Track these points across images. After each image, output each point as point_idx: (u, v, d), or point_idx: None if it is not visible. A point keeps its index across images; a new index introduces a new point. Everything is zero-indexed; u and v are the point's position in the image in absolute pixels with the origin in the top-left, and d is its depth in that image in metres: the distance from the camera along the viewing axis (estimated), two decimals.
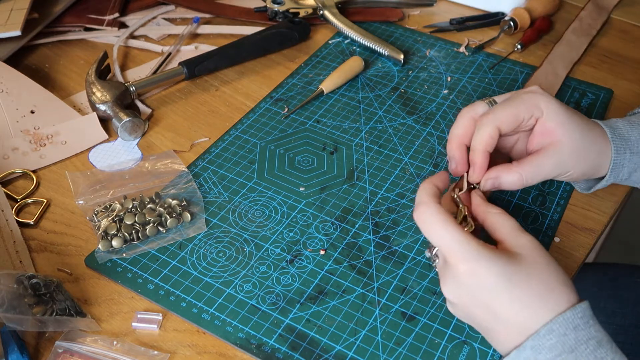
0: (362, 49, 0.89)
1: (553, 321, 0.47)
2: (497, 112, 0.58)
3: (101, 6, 0.93)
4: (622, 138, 0.61)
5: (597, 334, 0.48)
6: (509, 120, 0.57)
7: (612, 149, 0.60)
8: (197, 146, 0.74)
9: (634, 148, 0.61)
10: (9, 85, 0.80)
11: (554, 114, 0.57)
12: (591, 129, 0.60)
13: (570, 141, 0.58)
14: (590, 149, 0.59)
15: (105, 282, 0.60)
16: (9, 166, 0.71)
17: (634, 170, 0.62)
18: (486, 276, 0.48)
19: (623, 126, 0.62)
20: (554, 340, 0.47)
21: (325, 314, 0.58)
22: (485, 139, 0.57)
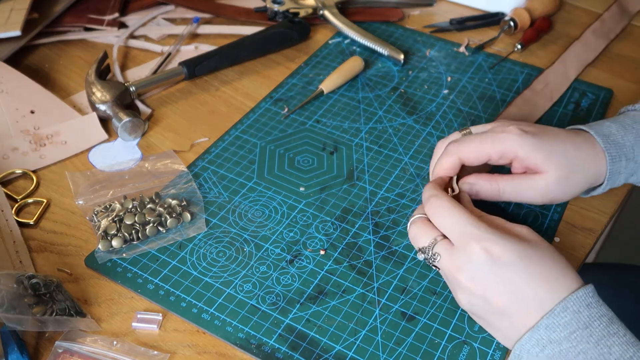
0: (362, 49, 0.89)
1: (567, 299, 0.48)
2: (463, 145, 0.59)
3: (101, 6, 0.93)
4: (617, 145, 0.60)
5: (607, 312, 0.50)
6: (473, 155, 0.59)
7: (607, 159, 0.59)
8: (197, 146, 0.74)
9: (629, 154, 0.60)
10: (9, 85, 0.80)
11: (532, 154, 0.58)
12: (577, 147, 0.59)
13: (557, 171, 0.58)
14: (580, 173, 0.59)
15: (105, 282, 0.60)
16: (9, 166, 0.71)
17: (630, 174, 0.62)
18: (504, 253, 0.49)
19: (617, 131, 0.61)
20: (568, 318, 0.48)
21: (325, 314, 0.58)
22: (445, 168, 0.59)
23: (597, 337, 0.48)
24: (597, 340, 0.48)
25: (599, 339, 0.48)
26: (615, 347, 0.47)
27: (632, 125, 0.62)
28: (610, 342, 0.47)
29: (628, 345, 0.47)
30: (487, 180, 0.59)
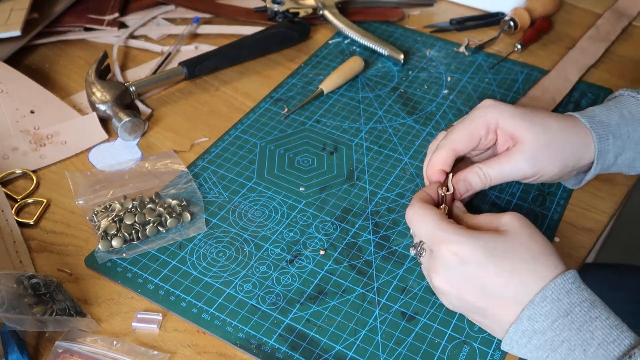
0: (362, 49, 0.89)
1: (545, 288, 0.49)
2: (451, 135, 0.60)
3: (101, 6, 0.93)
4: (602, 124, 0.60)
5: (589, 296, 0.50)
6: (464, 140, 0.59)
7: (594, 138, 0.60)
8: (197, 146, 0.74)
9: (615, 132, 0.60)
10: (9, 85, 0.80)
11: (510, 119, 0.58)
12: (560, 122, 0.60)
13: (534, 139, 0.58)
14: (562, 143, 0.59)
15: (105, 282, 0.60)
16: (9, 166, 0.71)
17: (619, 153, 0.61)
18: (470, 253, 0.50)
19: (601, 112, 0.61)
20: (548, 307, 0.48)
21: (325, 314, 0.58)
22: (439, 162, 0.60)
23: (579, 324, 0.48)
24: (579, 326, 0.48)
25: (581, 325, 0.48)
26: (598, 332, 0.47)
27: (615, 106, 0.62)
28: (592, 326, 0.48)
29: (611, 329, 0.48)
30: (470, 170, 0.59)
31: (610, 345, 0.47)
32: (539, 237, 0.52)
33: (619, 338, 0.47)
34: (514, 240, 0.51)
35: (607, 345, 0.47)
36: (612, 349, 0.47)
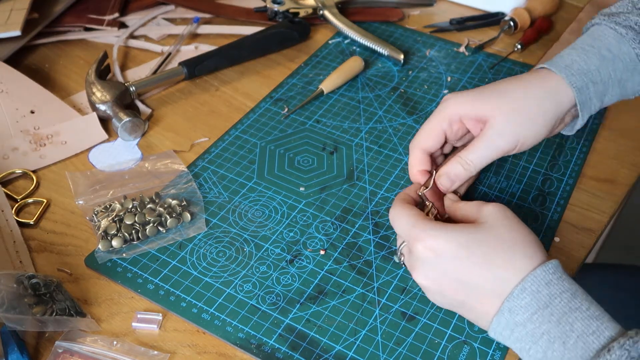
0: (362, 49, 0.89)
1: (524, 280, 0.48)
2: (418, 136, 0.61)
3: (101, 6, 0.93)
4: (581, 72, 0.59)
5: (570, 286, 0.49)
6: (429, 137, 0.61)
7: (574, 91, 0.58)
8: (197, 146, 0.74)
9: (595, 78, 0.59)
10: (9, 85, 0.80)
11: (468, 105, 0.59)
12: (524, 84, 0.59)
13: (498, 112, 0.57)
14: (530, 104, 0.58)
15: (105, 282, 0.60)
16: (9, 166, 0.71)
17: (603, 95, 0.60)
18: (445, 247, 0.50)
19: (579, 58, 0.60)
20: (527, 299, 0.48)
21: (325, 314, 0.58)
22: (415, 163, 0.61)
23: (559, 315, 0.47)
24: (558, 318, 0.47)
25: (561, 317, 0.47)
26: (578, 323, 0.47)
27: (593, 45, 0.60)
28: (572, 318, 0.47)
29: (591, 320, 0.47)
30: (453, 161, 0.59)
31: (590, 337, 0.46)
32: (520, 228, 0.52)
33: (598, 329, 0.46)
34: (491, 232, 0.51)
35: (586, 337, 0.46)
36: (591, 341, 0.46)
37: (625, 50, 0.60)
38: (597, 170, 0.72)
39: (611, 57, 0.60)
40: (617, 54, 0.60)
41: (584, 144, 0.75)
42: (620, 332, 0.46)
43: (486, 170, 0.71)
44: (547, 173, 0.71)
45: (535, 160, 0.73)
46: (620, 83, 0.60)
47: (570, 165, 0.72)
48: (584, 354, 0.46)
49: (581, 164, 0.72)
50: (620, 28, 0.60)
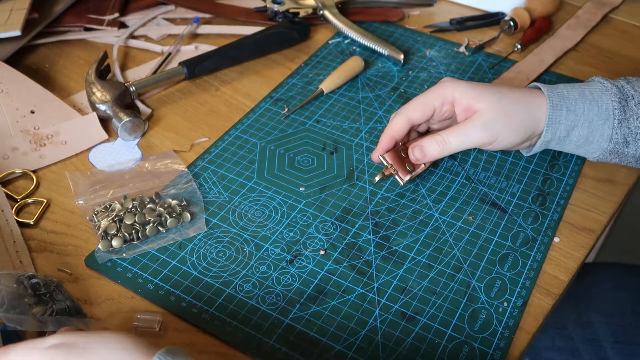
0: (362, 49, 0.89)
1: None
2: (407, 105, 0.66)
3: (101, 6, 0.93)
4: (560, 96, 0.63)
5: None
6: (418, 109, 0.65)
7: (548, 105, 0.62)
8: (197, 146, 0.74)
9: (571, 106, 0.63)
10: (9, 85, 0.80)
11: (465, 92, 0.63)
12: (516, 92, 0.64)
13: (489, 107, 0.62)
14: (517, 110, 0.63)
15: (105, 282, 0.60)
16: (9, 166, 0.71)
17: (572, 128, 0.63)
18: None
19: (564, 87, 0.64)
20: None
21: (325, 314, 0.58)
22: (395, 128, 0.65)
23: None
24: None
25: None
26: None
27: (580, 86, 0.65)
28: None
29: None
30: (431, 137, 0.63)
31: None
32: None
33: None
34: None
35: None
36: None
37: (604, 100, 0.63)
38: (597, 170, 0.72)
39: (590, 98, 0.63)
40: (597, 99, 0.63)
41: None
42: None
43: (486, 170, 0.71)
44: (547, 173, 0.71)
45: (535, 160, 0.73)
46: (590, 126, 0.63)
47: (570, 165, 0.72)
48: None
49: (581, 164, 0.72)
50: (607, 83, 0.64)
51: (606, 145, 0.63)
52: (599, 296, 0.85)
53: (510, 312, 0.58)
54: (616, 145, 0.63)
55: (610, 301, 0.84)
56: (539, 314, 0.58)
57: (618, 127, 0.62)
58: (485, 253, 0.63)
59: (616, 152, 0.64)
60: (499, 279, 0.60)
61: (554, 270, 0.62)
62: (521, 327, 0.57)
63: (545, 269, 0.62)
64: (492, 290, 0.60)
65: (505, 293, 0.59)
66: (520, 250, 0.63)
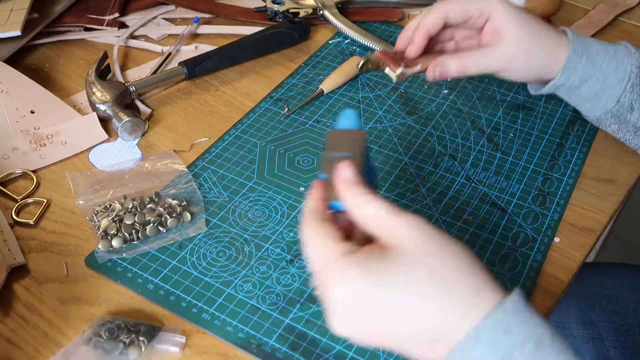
0: (362, 49, 0.89)
1: (478, 327, 0.38)
2: (448, 3, 0.64)
3: (101, 6, 0.93)
4: (584, 44, 0.62)
5: (535, 330, 0.39)
6: (457, 11, 0.63)
7: (570, 49, 0.62)
8: (197, 146, 0.74)
9: (592, 56, 0.62)
10: (9, 85, 0.80)
11: (503, 14, 0.62)
12: (546, 31, 0.63)
13: (516, 40, 0.62)
14: (539, 49, 0.62)
15: (106, 282, 0.60)
16: (9, 166, 0.71)
17: (586, 79, 0.63)
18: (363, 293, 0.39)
19: (589, 39, 0.64)
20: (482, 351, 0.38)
21: None
22: (430, 22, 0.63)
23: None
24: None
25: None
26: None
27: (605, 43, 0.64)
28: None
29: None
30: (451, 57, 0.63)
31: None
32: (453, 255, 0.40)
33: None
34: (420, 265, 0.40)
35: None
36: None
37: (625, 62, 0.62)
38: (597, 170, 0.72)
39: (612, 55, 0.62)
40: (618, 58, 0.62)
41: (584, 144, 0.75)
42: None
43: (486, 170, 0.71)
44: (547, 173, 0.71)
45: (535, 160, 0.73)
46: (604, 82, 0.62)
47: (570, 165, 0.72)
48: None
49: (581, 164, 0.72)
50: (632, 48, 0.63)
51: (611, 106, 0.63)
52: (601, 295, 0.85)
53: None
54: (621, 108, 0.62)
55: (613, 300, 0.84)
56: (540, 314, 0.58)
57: (629, 91, 0.62)
58: (485, 253, 0.63)
59: (618, 117, 0.63)
60: (499, 279, 0.60)
61: (554, 270, 0.62)
62: None
63: (545, 269, 0.62)
64: None
65: None
66: (520, 250, 0.63)
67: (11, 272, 0.60)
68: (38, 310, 0.58)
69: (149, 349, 0.54)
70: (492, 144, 0.75)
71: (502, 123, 0.77)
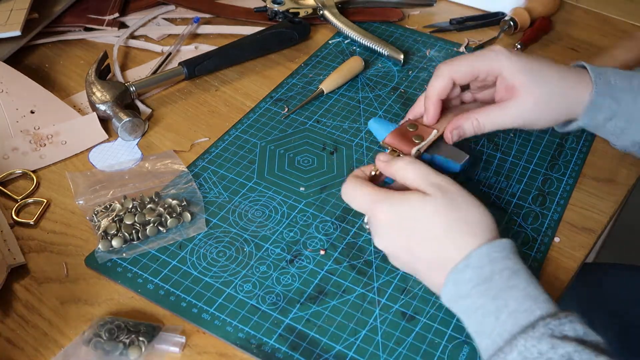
0: (362, 49, 0.89)
1: (469, 256, 0.50)
2: (454, 64, 0.63)
3: (101, 6, 0.93)
4: (606, 83, 0.61)
5: (514, 265, 0.50)
6: (464, 72, 0.62)
7: (594, 90, 0.60)
8: (197, 146, 0.74)
9: (615, 95, 0.60)
10: (9, 85, 0.80)
11: (512, 71, 0.60)
12: (564, 78, 0.61)
13: (532, 95, 0.60)
14: (558, 98, 0.61)
15: (106, 282, 0.60)
16: (9, 166, 0.71)
17: (610, 118, 0.61)
18: (395, 215, 0.53)
19: (612, 74, 0.61)
20: (470, 274, 0.50)
21: (325, 313, 0.58)
22: (439, 88, 0.63)
23: (496, 291, 0.49)
24: (495, 294, 0.48)
25: (497, 293, 0.48)
26: (512, 301, 0.48)
27: (632, 74, 0.62)
28: (507, 295, 0.48)
29: (525, 299, 0.48)
30: (466, 119, 0.62)
31: (521, 315, 0.47)
32: (468, 205, 0.53)
33: (530, 308, 0.47)
34: (443, 205, 0.52)
35: (518, 314, 0.47)
36: (522, 318, 0.47)
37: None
38: (597, 170, 0.72)
39: (637, 90, 0.61)
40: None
41: (584, 144, 0.75)
42: (552, 313, 0.47)
43: (486, 170, 0.71)
44: (547, 173, 0.71)
45: (535, 160, 0.73)
46: (631, 118, 0.61)
47: (570, 165, 0.72)
48: (512, 329, 0.47)
49: (581, 164, 0.72)
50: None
51: (639, 139, 0.62)
52: (601, 296, 0.85)
53: None
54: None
55: (613, 301, 0.84)
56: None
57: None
58: None
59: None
60: None
61: (554, 270, 0.62)
62: None
63: (546, 269, 0.62)
64: None
65: None
66: (520, 250, 0.63)
67: (11, 272, 0.60)
68: (38, 310, 0.58)
69: (149, 349, 0.54)
70: (492, 144, 0.75)
71: None
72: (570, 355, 0.43)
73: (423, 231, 0.52)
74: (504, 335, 0.47)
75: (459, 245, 0.51)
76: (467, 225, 0.52)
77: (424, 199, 0.53)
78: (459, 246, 0.51)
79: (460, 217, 0.52)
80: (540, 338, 0.45)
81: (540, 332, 0.45)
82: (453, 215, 0.52)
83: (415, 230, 0.53)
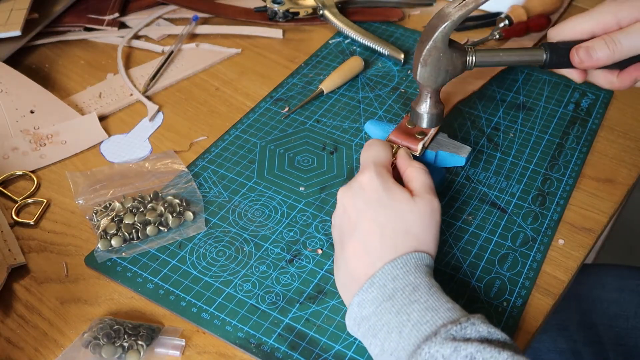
0: (362, 49, 0.89)
1: (374, 275, 0.52)
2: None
3: (101, 6, 0.93)
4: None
5: (415, 280, 0.51)
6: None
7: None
8: (197, 146, 0.75)
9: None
10: (9, 85, 0.80)
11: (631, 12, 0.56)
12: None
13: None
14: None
15: (105, 282, 0.60)
16: (9, 166, 0.71)
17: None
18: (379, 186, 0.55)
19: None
20: (374, 293, 0.51)
21: (325, 313, 0.58)
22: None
23: (399, 307, 0.50)
24: (398, 310, 0.49)
25: (400, 309, 0.49)
26: (414, 314, 0.49)
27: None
28: (410, 309, 0.49)
29: (427, 310, 0.49)
30: (599, 38, 0.56)
31: (423, 326, 0.48)
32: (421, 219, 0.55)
33: (432, 319, 0.48)
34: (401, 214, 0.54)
35: (420, 326, 0.48)
36: (424, 329, 0.48)
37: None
38: (597, 170, 0.72)
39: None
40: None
41: (584, 144, 0.75)
42: (453, 319, 0.48)
43: (486, 170, 0.71)
44: (547, 173, 0.71)
45: (535, 160, 0.73)
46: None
47: (570, 165, 0.72)
48: (416, 341, 0.47)
49: (581, 164, 0.72)
50: None
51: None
52: (602, 298, 0.85)
53: (510, 312, 0.58)
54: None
55: (614, 303, 0.84)
56: (539, 314, 0.58)
57: None
58: (485, 253, 0.63)
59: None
60: (498, 279, 0.60)
61: (553, 270, 0.62)
62: (520, 327, 0.57)
63: (545, 269, 0.62)
64: (492, 290, 0.60)
65: (505, 293, 0.59)
66: (520, 250, 0.63)
67: (11, 272, 0.60)
68: (38, 310, 0.58)
69: (148, 352, 0.54)
70: (492, 144, 0.75)
71: (502, 123, 0.77)
72: (473, 355, 0.44)
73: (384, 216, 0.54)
74: (408, 349, 0.48)
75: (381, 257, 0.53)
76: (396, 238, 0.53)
77: (410, 197, 0.55)
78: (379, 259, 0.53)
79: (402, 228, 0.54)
80: (443, 343, 0.45)
81: (442, 337, 0.46)
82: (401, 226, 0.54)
83: (379, 211, 0.54)
